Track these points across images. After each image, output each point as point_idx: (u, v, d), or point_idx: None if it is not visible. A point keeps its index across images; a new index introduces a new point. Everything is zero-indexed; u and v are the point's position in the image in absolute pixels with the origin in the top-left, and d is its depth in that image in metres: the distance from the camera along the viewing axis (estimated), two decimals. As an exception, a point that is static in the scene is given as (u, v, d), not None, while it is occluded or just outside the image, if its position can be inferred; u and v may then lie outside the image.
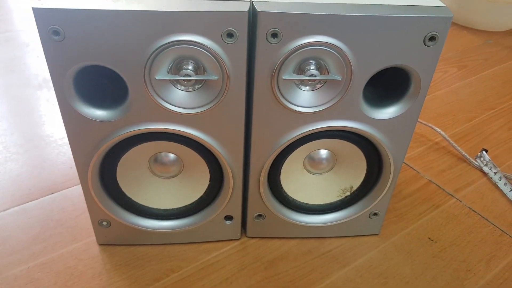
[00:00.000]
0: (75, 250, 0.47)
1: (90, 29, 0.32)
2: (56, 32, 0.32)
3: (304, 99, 0.37)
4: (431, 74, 0.37)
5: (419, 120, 0.67)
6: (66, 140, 0.63)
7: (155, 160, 0.43)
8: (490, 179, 0.60)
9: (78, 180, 0.55)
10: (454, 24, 1.09)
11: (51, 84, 0.76)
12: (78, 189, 0.55)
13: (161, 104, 0.36)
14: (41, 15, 0.31)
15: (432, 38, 0.35)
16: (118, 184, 0.43)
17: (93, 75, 0.37)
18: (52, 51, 0.33)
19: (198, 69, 0.35)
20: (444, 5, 0.36)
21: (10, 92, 0.74)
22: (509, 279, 0.47)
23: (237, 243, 0.49)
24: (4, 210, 0.52)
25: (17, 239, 0.48)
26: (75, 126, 0.37)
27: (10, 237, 0.49)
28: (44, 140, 0.63)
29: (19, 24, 0.98)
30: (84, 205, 0.52)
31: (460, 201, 0.56)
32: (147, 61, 0.33)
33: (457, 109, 0.75)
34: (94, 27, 0.32)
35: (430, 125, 0.67)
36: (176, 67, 0.35)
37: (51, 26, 0.32)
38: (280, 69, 0.35)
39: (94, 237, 0.48)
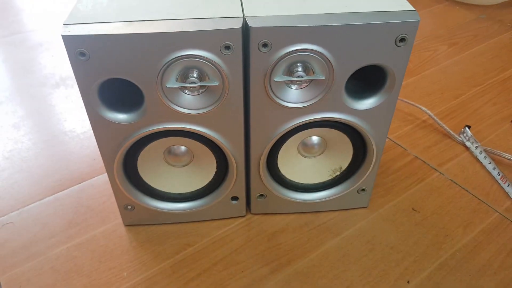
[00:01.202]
0: (105, 231, 0.55)
1: (110, 50, 0.38)
2: (82, 54, 0.38)
3: (294, 96, 0.44)
4: (403, 70, 0.43)
5: (407, 100, 0.73)
6: (88, 134, 0.70)
7: (169, 152, 0.50)
8: (471, 153, 0.66)
9: (102, 170, 0.63)
10: (447, 0, 1.12)
11: (68, 82, 0.83)
12: (103, 178, 0.62)
13: (172, 107, 0.42)
14: (69, 40, 0.38)
15: (402, 40, 0.41)
16: (139, 174, 0.50)
17: (114, 85, 0.43)
18: (80, 68, 0.39)
19: (201, 77, 0.41)
20: (413, 9, 0.41)
21: (30, 92, 0.80)
22: (483, 242, 0.53)
23: (243, 219, 0.56)
24: (40, 200, 0.60)
25: (54, 224, 0.56)
26: (101, 128, 0.44)
27: (48, 223, 0.56)
28: (68, 135, 0.70)
29: (31, 25, 1.04)
30: (109, 192, 0.60)
31: (443, 174, 0.62)
32: (159, 73, 0.40)
33: (445, 87, 0.80)
34: (114, 47, 0.38)
35: (417, 105, 0.72)
36: (183, 76, 0.41)
37: (78, 49, 0.38)
38: (271, 72, 0.41)
39: (120, 220, 0.56)
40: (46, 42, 0.96)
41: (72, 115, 0.74)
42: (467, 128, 0.68)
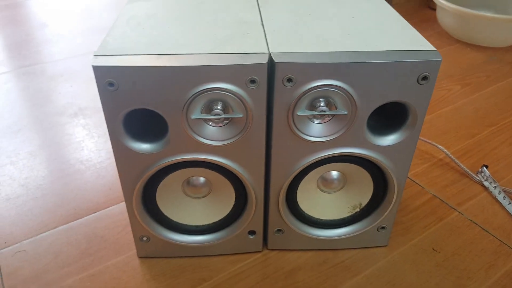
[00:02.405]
0: (118, 262, 0.54)
1: (138, 81, 0.39)
2: (111, 84, 0.39)
3: (316, 131, 0.44)
4: (425, 107, 0.43)
5: (424, 138, 0.73)
6: (104, 164, 0.70)
7: (188, 183, 0.50)
8: (490, 193, 0.65)
9: (117, 200, 0.63)
10: (458, 41, 1.15)
11: (86, 112, 0.84)
12: (118, 208, 0.62)
13: (195, 138, 0.43)
14: (99, 71, 0.39)
15: (424, 78, 0.41)
16: (157, 204, 0.50)
17: (138, 115, 0.44)
18: (107, 98, 0.40)
19: (225, 109, 0.42)
20: (434, 49, 0.42)
21: (48, 121, 0.82)
22: (507, 286, 0.52)
23: (259, 255, 0.55)
24: (54, 228, 0.59)
25: (68, 253, 0.55)
26: (124, 157, 0.44)
27: (62, 252, 0.56)
28: (84, 164, 0.71)
29: (52, 56, 1.07)
30: (124, 222, 0.59)
31: (462, 214, 0.61)
32: (185, 104, 0.40)
33: (460, 126, 0.80)
34: (142, 79, 0.39)
35: (433, 143, 0.72)
36: (208, 108, 0.42)
37: (107, 79, 0.39)
38: (294, 106, 0.42)
39: (134, 251, 0.55)
40: (66, 73, 0.99)
41: (89, 144, 0.75)
42: (485, 168, 0.67)
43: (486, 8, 1.19)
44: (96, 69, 0.39)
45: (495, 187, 0.64)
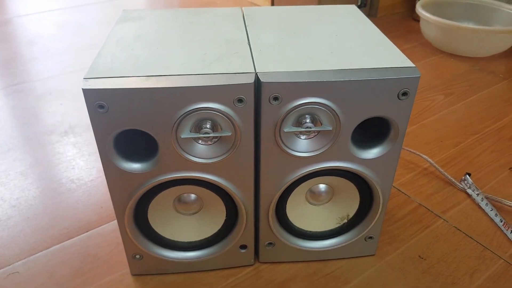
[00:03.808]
0: (112, 281, 0.54)
1: (128, 102, 0.40)
2: (101, 106, 0.40)
3: (302, 146, 0.45)
4: (406, 121, 0.45)
5: (408, 148, 0.75)
6: (95, 182, 0.71)
7: (179, 200, 0.51)
8: (473, 200, 0.67)
9: (109, 219, 0.64)
10: (441, 52, 1.18)
11: (76, 130, 0.85)
12: (110, 226, 0.62)
13: (185, 157, 0.44)
14: (89, 93, 0.40)
15: (404, 93, 0.43)
16: (149, 222, 0.51)
17: (127, 136, 0.45)
18: (98, 120, 0.41)
19: (214, 127, 0.43)
20: (413, 65, 0.44)
21: (38, 140, 0.82)
22: (491, 290, 0.53)
23: (251, 268, 0.56)
24: (46, 249, 0.59)
25: (61, 273, 0.56)
26: (115, 177, 0.45)
27: (55, 272, 0.56)
28: (75, 183, 0.71)
29: (40, 74, 1.07)
30: (117, 240, 0.60)
31: (447, 222, 0.63)
32: (174, 124, 0.42)
33: (444, 136, 0.83)
34: (131, 101, 0.40)
35: (418, 153, 0.74)
36: (197, 127, 0.43)
37: (97, 102, 0.40)
38: (281, 123, 0.43)
39: (127, 269, 0.56)
40: (55, 91, 0.99)
41: (79, 163, 0.75)
42: (467, 176, 0.69)
43: (468, 20, 1.23)
44: (86, 92, 0.40)
45: (477, 194, 0.66)
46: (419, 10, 1.16)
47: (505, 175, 0.72)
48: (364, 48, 0.47)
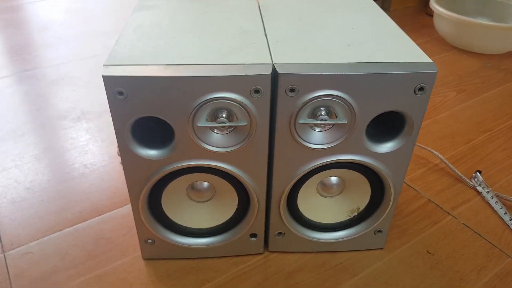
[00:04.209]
0: (124, 264, 0.56)
1: (147, 90, 0.41)
2: (120, 93, 0.41)
3: (317, 138, 0.46)
4: (421, 117, 0.45)
5: (420, 144, 0.75)
6: (108, 168, 0.72)
7: (192, 187, 0.51)
8: (483, 198, 0.67)
9: (122, 203, 0.65)
10: (454, 48, 1.17)
11: (89, 116, 0.86)
12: (123, 211, 0.63)
13: (201, 145, 0.45)
14: (109, 80, 0.40)
15: (421, 89, 0.43)
16: (162, 208, 0.52)
17: (145, 122, 0.45)
18: (116, 107, 0.42)
19: (230, 117, 0.43)
20: (431, 61, 0.44)
21: (51, 125, 0.83)
22: (497, 287, 0.54)
23: (260, 257, 0.57)
24: (60, 230, 0.61)
25: (74, 255, 0.57)
26: (131, 162, 0.46)
27: (68, 253, 0.57)
28: (88, 168, 0.72)
29: (54, 60, 1.08)
30: (129, 225, 0.61)
31: (456, 218, 0.63)
32: (191, 113, 0.42)
33: (456, 132, 0.82)
34: (151, 88, 0.41)
35: (429, 149, 0.74)
36: (213, 116, 0.43)
37: (117, 88, 0.41)
38: (297, 115, 0.44)
39: (139, 253, 0.57)
40: (67, 76, 1.00)
41: (92, 148, 0.76)
42: (478, 173, 0.69)
43: (482, 16, 1.22)
44: (106, 78, 0.40)
45: (487, 192, 0.67)
46: (433, 4, 1.15)
47: (516, 173, 0.72)
48: (380, 41, 0.47)
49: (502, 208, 0.64)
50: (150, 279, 0.54)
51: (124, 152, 0.45)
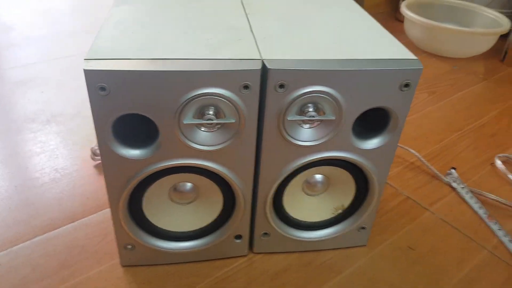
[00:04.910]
0: (101, 272, 0.53)
1: (131, 86, 0.39)
2: (102, 88, 0.39)
3: (305, 135, 0.45)
4: (406, 112, 0.46)
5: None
6: (81, 173, 0.68)
7: (175, 189, 0.49)
8: (458, 193, 0.69)
9: (96, 209, 0.62)
10: (424, 52, 1.21)
11: (59, 118, 0.82)
12: (97, 217, 0.60)
13: (187, 144, 0.43)
14: (90, 75, 0.38)
15: (406, 85, 0.44)
16: (142, 212, 0.50)
17: (126, 121, 0.43)
18: (98, 103, 0.40)
19: (218, 114, 0.42)
20: (416, 58, 0.44)
21: (19, 128, 0.78)
22: (476, 278, 0.55)
23: (245, 259, 0.56)
24: (29, 239, 0.57)
25: (46, 265, 0.53)
26: (112, 163, 0.44)
27: (39, 264, 0.54)
28: (59, 173, 0.68)
29: (19, 60, 1.03)
30: (105, 231, 0.58)
31: (434, 214, 0.65)
32: (177, 109, 0.41)
33: (429, 132, 0.85)
34: (135, 84, 0.39)
35: (406, 147, 0.76)
36: (200, 113, 0.42)
37: (99, 83, 0.39)
38: (285, 112, 0.43)
39: (117, 260, 0.54)
40: (36, 78, 0.95)
41: (64, 152, 0.73)
42: (453, 170, 0.71)
43: (450, 21, 1.26)
44: (88, 73, 0.38)
45: (462, 188, 0.69)
46: (404, 10, 1.19)
47: (487, 170, 0.75)
48: (366, 39, 0.47)
49: (477, 202, 0.66)
50: (130, 286, 0.51)
51: (105, 152, 0.43)
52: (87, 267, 0.53)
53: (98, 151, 0.70)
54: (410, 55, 0.44)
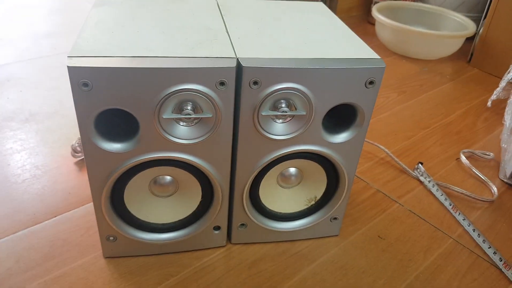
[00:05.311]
0: (84, 263, 0.54)
1: (113, 82, 0.41)
2: (85, 84, 0.41)
3: (278, 129, 0.48)
4: (371, 108, 0.49)
5: (367, 139, 0.80)
6: (62, 169, 0.70)
7: (155, 182, 0.52)
8: (425, 186, 0.73)
9: (78, 204, 0.63)
10: (394, 54, 1.26)
11: (38, 117, 0.82)
12: (79, 211, 0.62)
13: (166, 137, 0.45)
14: (74, 71, 0.40)
15: (371, 82, 0.47)
16: (124, 204, 0.52)
17: (108, 117, 0.45)
18: (81, 98, 0.42)
19: (196, 109, 0.45)
20: (379, 57, 0.48)
21: (-1, 126, 0.79)
22: (442, 265, 0.59)
23: (223, 249, 0.58)
24: (13, 233, 0.58)
25: (30, 258, 0.55)
26: (95, 157, 0.46)
27: (23, 256, 0.55)
28: (40, 169, 0.70)
29: (-2, 60, 1.03)
30: (87, 225, 0.60)
31: (402, 206, 0.69)
32: (157, 104, 0.43)
33: (398, 129, 0.89)
34: (116, 80, 0.41)
35: (376, 144, 0.80)
36: (178, 108, 0.44)
37: (82, 80, 0.41)
38: (259, 107, 0.46)
39: (99, 252, 0.56)
40: (13, 77, 0.95)
41: (44, 150, 0.74)
42: (420, 165, 0.76)
43: (419, 25, 1.32)
44: (71, 69, 0.40)
45: (429, 181, 0.73)
46: (375, 13, 1.23)
47: (452, 165, 0.79)
48: (334, 40, 0.51)
49: (442, 195, 0.70)
50: (113, 276, 0.53)
51: (88, 145, 0.45)
52: (70, 258, 0.55)
53: (78, 149, 0.71)
54: (374, 55, 0.48)
